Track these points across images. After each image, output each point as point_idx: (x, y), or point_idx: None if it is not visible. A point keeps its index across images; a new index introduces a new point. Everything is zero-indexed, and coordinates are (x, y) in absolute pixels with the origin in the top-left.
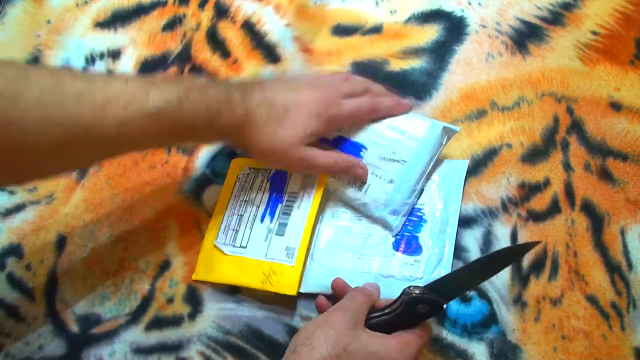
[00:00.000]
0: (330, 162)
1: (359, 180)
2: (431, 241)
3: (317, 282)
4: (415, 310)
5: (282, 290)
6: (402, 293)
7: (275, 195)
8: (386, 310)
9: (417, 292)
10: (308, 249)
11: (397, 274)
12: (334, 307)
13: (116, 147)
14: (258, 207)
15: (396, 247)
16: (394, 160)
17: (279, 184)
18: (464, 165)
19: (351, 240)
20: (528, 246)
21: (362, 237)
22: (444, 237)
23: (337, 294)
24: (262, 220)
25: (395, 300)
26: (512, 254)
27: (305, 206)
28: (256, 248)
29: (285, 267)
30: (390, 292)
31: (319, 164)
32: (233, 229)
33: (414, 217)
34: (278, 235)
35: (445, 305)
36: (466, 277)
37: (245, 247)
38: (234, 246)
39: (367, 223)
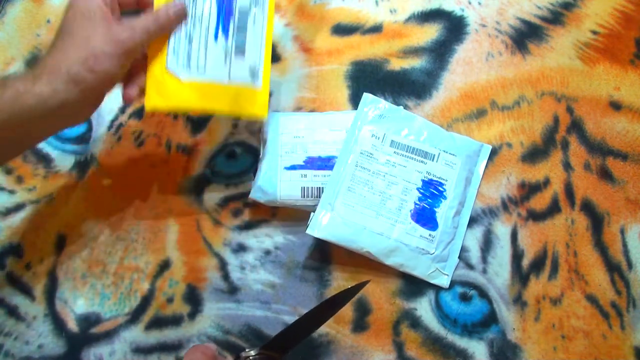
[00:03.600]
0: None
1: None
2: (446, 219)
3: (334, 231)
4: None
5: (254, 111)
6: (238, 357)
7: (224, 9)
8: None
9: (252, 355)
10: (270, 68)
11: (411, 244)
12: None
13: None
14: (208, 24)
15: (414, 217)
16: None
17: None
18: (486, 150)
19: (370, 196)
20: (358, 287)
21: (381, 196)
22: (458, 218)
23: None
24: (215, 38)
25: None
26: (347, 296)
27: (260, 19)
28: (216, 71)
29: (252, 91)
30: (403, 259)
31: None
32: (185, 50)
33: (435, 191)
34: (238, 55)
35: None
36: (304, 326)
37: (203, 71)
38: (189, 68)
39: (388, 182)
